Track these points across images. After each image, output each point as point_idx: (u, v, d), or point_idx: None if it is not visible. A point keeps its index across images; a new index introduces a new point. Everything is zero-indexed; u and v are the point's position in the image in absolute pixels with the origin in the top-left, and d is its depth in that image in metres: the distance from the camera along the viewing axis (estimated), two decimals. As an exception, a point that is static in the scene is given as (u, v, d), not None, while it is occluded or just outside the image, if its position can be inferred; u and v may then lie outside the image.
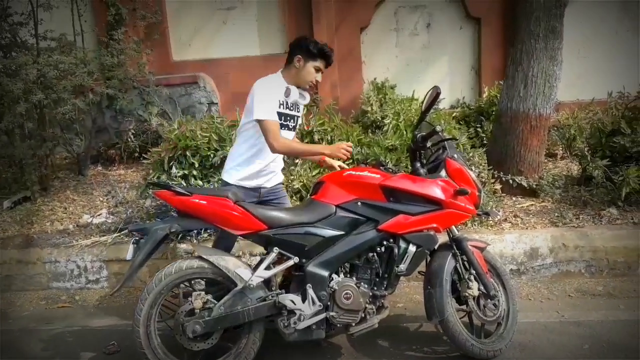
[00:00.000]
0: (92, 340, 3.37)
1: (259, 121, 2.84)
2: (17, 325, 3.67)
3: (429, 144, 2.93)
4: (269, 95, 2.87)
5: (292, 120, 3.07)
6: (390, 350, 3.03)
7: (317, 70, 3.01)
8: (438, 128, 2.79)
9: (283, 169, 3.29)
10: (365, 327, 2.78)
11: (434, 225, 2.77)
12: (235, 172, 3.02)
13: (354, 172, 2.84)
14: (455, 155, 2.90)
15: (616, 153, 4.52)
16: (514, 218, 4.29)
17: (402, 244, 2.76)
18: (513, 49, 4.70)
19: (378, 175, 2.78)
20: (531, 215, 4.33)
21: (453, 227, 2.91)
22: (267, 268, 2.71)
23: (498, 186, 4.65)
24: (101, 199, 5.25)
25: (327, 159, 3.34)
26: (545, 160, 5.27)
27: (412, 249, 2.76)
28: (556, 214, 4.29)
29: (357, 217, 2.76)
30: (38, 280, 4.26)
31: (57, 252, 4.26)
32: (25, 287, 4.25)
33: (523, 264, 3.94)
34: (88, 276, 4.22)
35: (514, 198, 4.67)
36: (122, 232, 4.38)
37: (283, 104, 2.97)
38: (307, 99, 3.11)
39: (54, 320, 3.72)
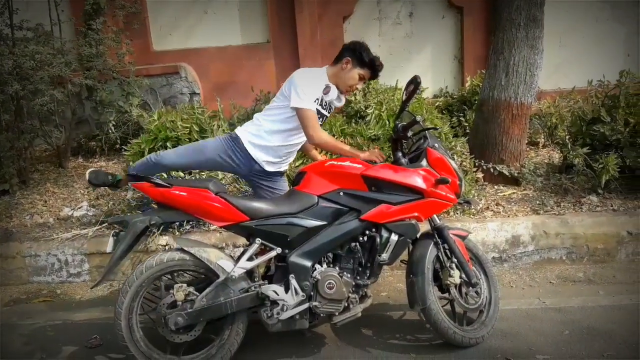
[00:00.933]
0: (74, 334, 3.34)
1: (298, 109, 2.88)
2: (-4, 320, 3.63)
3: (410, 134, 2.94)
4: (310, 87, 2.90)
5: (320, 119, 3.04)
6: (373, 338, 3.04)
7: (361, 78, 3.05)
8: (419, 118, 2.80)
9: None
10: (348, 316, 2.79)
11: (416, 214, 2.78)
12: (248, 134, 3.03)
13: (335, 162, 2.83)
14: (436, 145, 2.90)
15: (596, 141, 4.57)
16: (495, 206, 4.32)
17: (384, 234, 2.77)
18: (494, 37, 4.71)
19: (360, 165, 2.78)
20: (513, 203, 4.36)
21: (435, 216, 2.92)
22: (250, 259, 2.70)
23: (480, 175, 4.68)
24: (82, 191, 5.18)
25: (313, 151, 3.39)
26: (527, 149, 5.31)
27: (394, 238, 2.78)
28: (537, 202, 4.33)
29: (339, 207, 2.76)
30: (18, 274, 4.20)
31: (37, 246, 4.20)
32: (5, 282, 4.18)
33: (505, 251, 3.97)
34: (69, 270, 4.17)
35: (495, 186, 4.69)
36: (103, 225, 4.33)
37: (318, 100, 2.97)
38: (343, 101, 3.15)
39: (35, 315, 3.67)
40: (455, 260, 2.89)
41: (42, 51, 4.90)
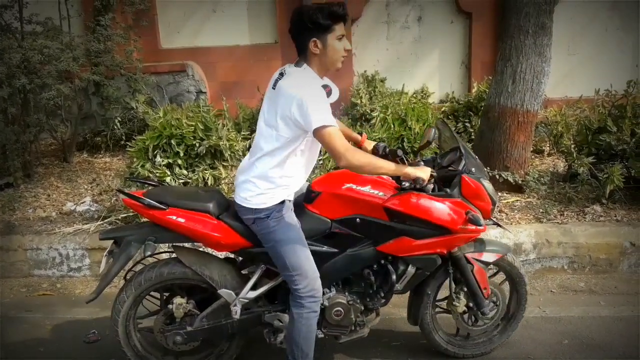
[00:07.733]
0: (73, 328, 3.35)
1: (320, 129, 2.19)
2: (-4, 312, 3.64)
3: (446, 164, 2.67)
4: (321, 98, 2.28)
5: None
6: (369, 340, 3.02)
7: (340, 38, 2.30)
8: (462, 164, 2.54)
9: None
10: (355, 337, 2.71)
11: (439, 250, 2.60)
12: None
13: (354, 187, 2.52)
14: (473, 169, 2.60)
15: (602, 150, 4.55)
16: (498, 213, 4.30)
17: (401, 265, 2.61)
18: (502, 44, 4.69)
19: (382, 194, 2.51)
20: (516, 211, 4.34)
21: None
22: (254, 287, 2.56)
23: (484, 181, 4.65)
24: (85, 186, 5.20)
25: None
26: (532, 157, 5.29)
27: (411, 270, 2.62)
28: (541, 210, 4.31)
29: (354, 234, 2.55)
30: (19, 267, 4.21)
31: (39, 240, 4.21)
32: (6, 274, 4.20)
33: (506, 259, 3.95)
34: (70, 264, 4.18)
35: (499, 194, 4.66)
36: (106, 221, 4.34)
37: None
38: (337, 95, 2.47)
39: (34, 308, 3.68)
40: (466, 288, 2.73)
41: (51, 45, 4.89)
